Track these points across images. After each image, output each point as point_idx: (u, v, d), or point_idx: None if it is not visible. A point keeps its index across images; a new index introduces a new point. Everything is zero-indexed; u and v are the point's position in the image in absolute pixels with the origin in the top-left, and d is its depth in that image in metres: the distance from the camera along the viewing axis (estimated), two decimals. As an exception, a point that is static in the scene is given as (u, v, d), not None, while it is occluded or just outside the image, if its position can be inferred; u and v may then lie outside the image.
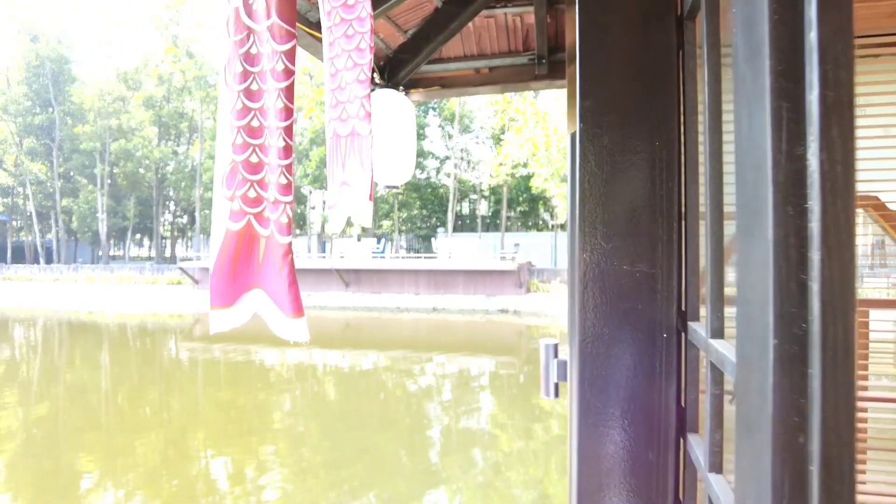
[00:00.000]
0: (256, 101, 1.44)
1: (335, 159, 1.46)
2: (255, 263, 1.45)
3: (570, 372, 1.82)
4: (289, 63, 1.39)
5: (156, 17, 39.59)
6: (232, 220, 1.42)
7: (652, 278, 0.70)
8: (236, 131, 1.42)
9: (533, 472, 7.74)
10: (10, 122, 40.37)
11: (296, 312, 1.38)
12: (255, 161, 1.43)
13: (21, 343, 20.25)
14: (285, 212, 1.40)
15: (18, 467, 8.20)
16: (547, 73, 2.53)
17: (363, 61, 1.39)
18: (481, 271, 24.98)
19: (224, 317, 1.44)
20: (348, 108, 1.42)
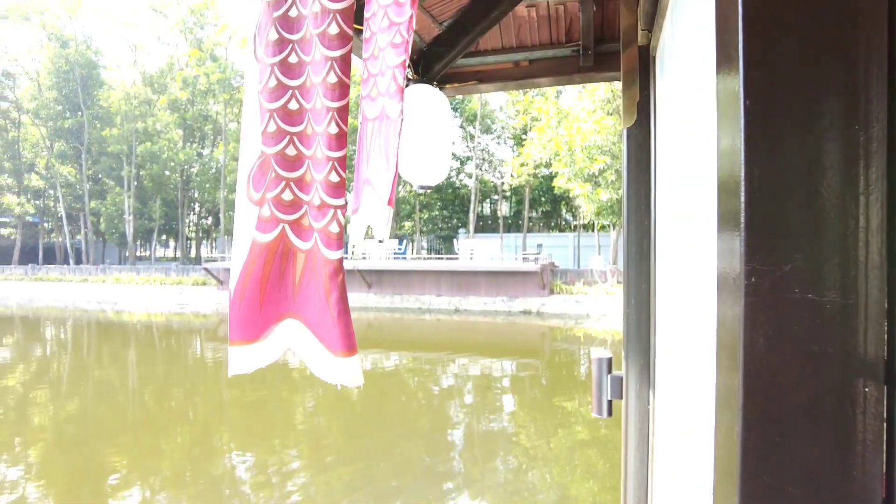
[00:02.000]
0: (295, 78, 1.14)
1: (362, 151, 1.15)
2: (290, 285, 1.14)
3: (627, 389, 1.69)
4: (345, 25, 1.10)
5: (180, 20, 40.13)
6: (260, 230, 1.13)
7: (847, 311, 0.52)
8: (268, 116, 1.13)
9: (557, 477, 7.57)
10: (41, 126, 41.25)
11: (346, 349, 1.08)
12: (293, 154, 1.13)
13: (52, 342, 20.62)
14: (336, 219, 1.10)
15: (50, 462, 8.29)
16: (593, 65, 2.38)
17: (401, 19, 1.07)
18: (503, 272, 24.78)
19: (247, 354, 1.14)
20: (379, 83, 1.10)
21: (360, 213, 1.12)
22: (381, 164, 1.07)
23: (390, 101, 1.07)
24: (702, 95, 0.83)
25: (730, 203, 0.51)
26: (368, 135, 1.12)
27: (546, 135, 26.54)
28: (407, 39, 1.06)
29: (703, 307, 0.81)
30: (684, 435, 1.02)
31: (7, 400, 12.02)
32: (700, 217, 0.85)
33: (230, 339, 1.14)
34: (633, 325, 1.69)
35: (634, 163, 1.67)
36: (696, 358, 0.87)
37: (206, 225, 48.63)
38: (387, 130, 1.07)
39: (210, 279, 30.72)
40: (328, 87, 1.10)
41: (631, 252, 1.70)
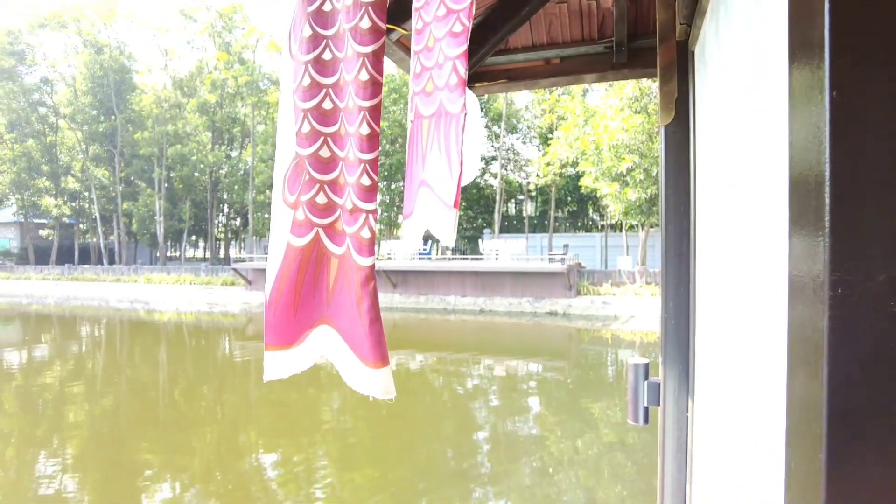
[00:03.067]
0: (329, 76, 1.09)
1: (415, 151, 1.08)
2: (324, 291, 1.10)
3: (664, 396, 1.64)
4: (377, 19, 1.05)
5: (209, 24, 40.82)
6: (295, 234, 1.10)
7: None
8: (302, 116, 1.09)
9: (583, 480, 7.47)
10: (77, 130, 42.37)
11: (377, 360, 1.05)
12: (327, 156, 1.09)
13: (87, 340, 21.13)
14: (367, 224, 1.05)
15: (86, 457, 8.48)
16: (626, 61, 2.32)
17: (461, 6, 0.99)
18: (529, 273, 24.62)
19: (282, 360, 1.11)
20: (436, 77, 1.02)
21: (415, 217, 1.07)
22: (442, 164, 1.00)
23: (450, 94, 1.00)
24: (757, 90, 0.78)
25: (807, 204, 0.46)
26: (424, 133, 1.05)
27: (572, 133, 26.30)
28: (467, 27, 0.99)
29: (759, 314, 0.76)
30: (732, 446, 0.98)
31: (46, 396, 12.35)
32: (754, 218, 0.80)
33: (265, 344, 1.12)
34: (671, 331, 1.63)
35: (672, 162, 1.61)
36: (750, 367, 0.83)
37: (235, 226, 49.37)
38: (447, 127, 1.00)
39: (238, 279, 31.17)
40: (360, 85, 1.05)
41: (669, 254, 1.64)
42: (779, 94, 0.61)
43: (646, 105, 23.20)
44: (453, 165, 0.98)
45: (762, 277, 0.74)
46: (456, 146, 0.98)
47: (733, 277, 0.97)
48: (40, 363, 16.73)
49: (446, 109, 1.01)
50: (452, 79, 0.99)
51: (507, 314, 23.89)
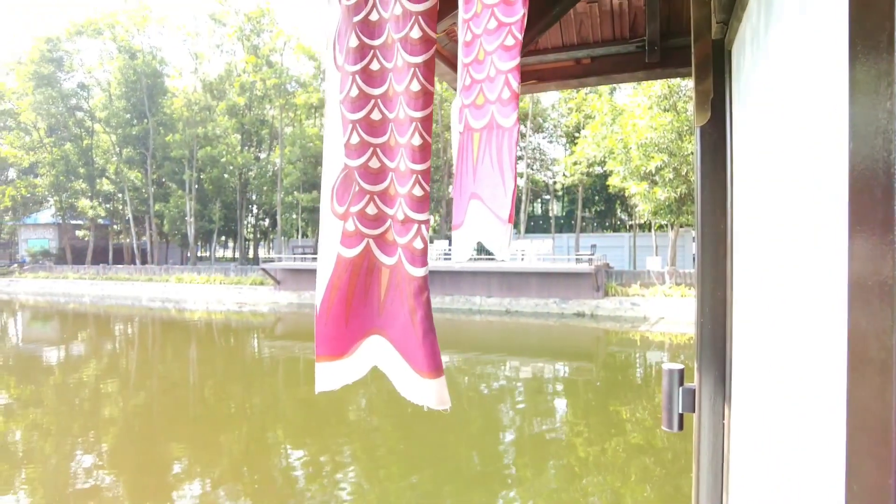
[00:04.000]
0: (377, 86, 1.08)
1: (465, 163, 1.06)
2: (375, 301, 1.10)
3: (700, 403, 1.60)
4: (428, 28, 1.04)
5: (238, 28, 41.50)
6: (345, 245, 1.09)
7: None
8: (350, 127, 1.08)
9: (611, 483, 7.38)
10: (111, 133, 43.47)
11: (431, 371, 1.03)
12: (376, 166, 1.08)
13: (120, 338, 21.66)
14: (419, 234, 1.05)
15: (120, 452, 8.70)
16: (659, 60, 2.28)
17: (513, 19, 0.97)
18: (555, 273, 24.44)
19: (333, 370, 1.11)
20: (487, 89, 1.01)
21: (465, 230, 1.06)
22: (494, 177, 0.99)
23: (503, 108, 0.99)
24: (807, 90, 0.75)
25: (872, 203, 0.43)
26: (475, 146, 1.04)
27: (600, 132, 26.03)
28: (519, 41, 0.98)
29: (807, 319, 0.74)
30: (776, 458, 0.95)
31: (82, 392, 12.70)
32: (800, 220, 0.77)
33: (316, 355, 1.12)
34: (707, 335, 1.60)
35: (708, 163, 1.58)
36: (796, 376, 0.80)
37: (264, 226, 50.09)
38: (499, 141, 0.99)
39: (267, 279, 31.61)
40: (411, 96, 1.04)
41: (705, 257, 1.60)
42: (832, 93, 0.59)
43: (675, 103, 22.84)
44: (506, 179, 0.96)
45: (810, 281, 0.71)
46: (509, 160, 0.97)
47: (776, 281, 0.94)
48: (77, 360, 17.22)
49: (498, 122, 0.99)
50: (505, 92, 0.98)
51: (533, 315, 23.76)
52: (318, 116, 42.03)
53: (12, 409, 11.53)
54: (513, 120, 0.97)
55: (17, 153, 46.28)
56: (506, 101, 0.98)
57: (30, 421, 10.54)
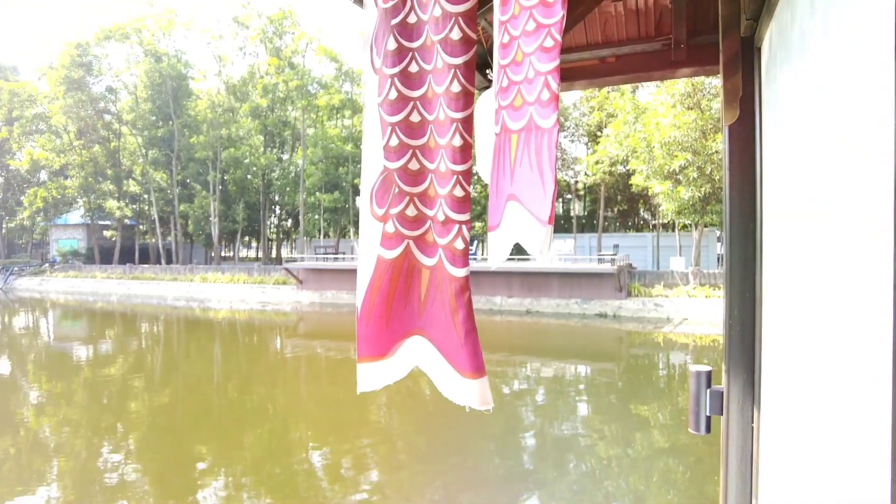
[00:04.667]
0: (416, 88, 1.08)
1: (501, 164, 1.05)
2: (416, 302, 1.10)
3: (728, 405, 1.58)
4: (468, 28, 1.03)
5: (261, 30, 41.98)
6: (385, 247, 1.10)
7: None
8: (389, 130, 1.08)
9: (633, 485, 7.31)
10: (137, 135, 44.30)
11: (473, 371, 1.02)
12: (416, 168, 1.09)
13: (146, 336, 22.06)
14: (460, 235, 1.04)
15: (146, 448, 8.87)
16: (685, 58, 2.24)
17: (552, 20, 0.96)
18: (577, 273, 24.26)
19: (375, 370, 1.11)
20: (525, 91, 1.00)
21: (502, 231, 1.05)
22: (533, 179, 0.98)
23: (542, 110, 0.98)
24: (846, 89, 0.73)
25: None
26: (512, 147, 1.03)
27: (622, 131, 25.77)
28: (559, 42, 0.97)
29: (845, 321, 0.72)
30: (810, 462, 0.93)
31: (110, 389, 12.97)
32: (839, 221, 0.76)
33: (358, 356, 1.13)
34: (735, 336, 1.57)
35: (737, 162, 1.55)
36: (833, 379, 0.78)
37: (286, 227, 50.59)
38: (538, 142, 0.98)
39: (290, 279, 31.92)
40: (452, 97, 1.04)
41: (733, 258, 1.58)
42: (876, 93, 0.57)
43: (698, 101, 22.51)
44: (546, 181, 0.96)
45: (852, 283, 0.70)
46: (548, 161, 0.96)
47: (813, 283, 0.92)
48: (105, 357, 17.58)
49: (537, 124, 0.99)
50: (545, 94, 0.97)
51: (554, 315, 23.62)
52: (340, 118, 42.31)
53: (44, 404, 11.83)
54: (553, 121, 0.96)
55: (49, 156, 47.43)
56: (545, 103, 0.97)
57: (61, 416, 10.80)
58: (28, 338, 22.23)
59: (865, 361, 0.63)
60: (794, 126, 1.07)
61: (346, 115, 41.63)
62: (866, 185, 0.62)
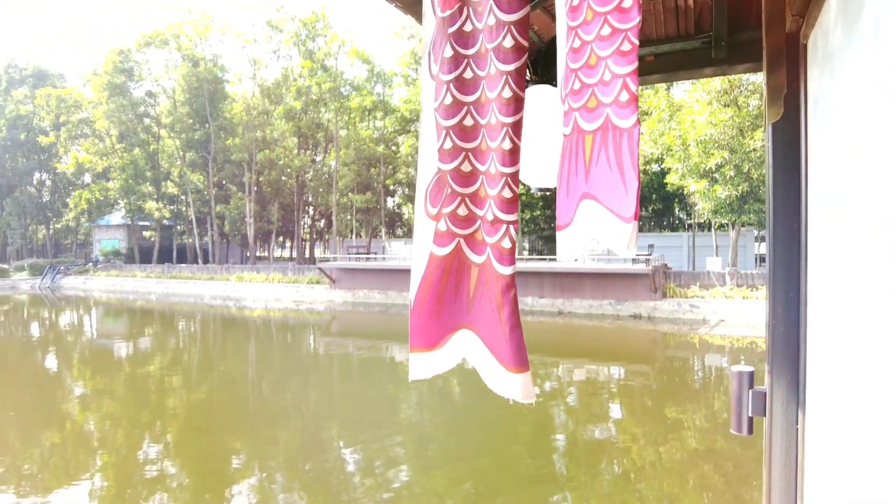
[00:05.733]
0: (470, 94, 1.12)
1: (573, 162, 1.09)
2: (465, 298, 1.14)
3: (771, 407, 1.56)
4: (520, 37, 1.07)
5: (294, 34, 42.62)
6: (437, 244, 1.15)
7: None
8: (444, 133, 1.13)
9: (668, 489, 7.19)
10: (175, 138, 45.48)
11: (517, 365, 1.07)
12: (468, 170, 1.13)
13: (183, 334, 22.63)
14: (508, 234, 1.08)
15: (183, 444, 9.11)
16: (726, 56, 2.21)
17: (628, 25, 1.01)
18: (611, 274, 23.94)
19: (426, 361, 1.17)
20: (600, 92, 1.04)
21: (574, 229, 1.10)
22: (613, 177, 1.01)
23: (621, 110, 1.02)
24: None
25: None
26: (588, 147, 1.07)
27: (657, 129, 25.35)
28: (636, 45, 1.01)
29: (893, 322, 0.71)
30: (860, 466, 0.91)
31: (149, 385, 13.35)
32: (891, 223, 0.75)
33: (410, 346, 1.18)
34: (779, 337, 1.55)
35: (780, 161, 1.53)
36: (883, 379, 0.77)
37: (319, 227, 51.26)
38: (617, 142, 1.02)
39: (323, 278, 32.35)
40: (503, 102, 1.08)
41: (777, 258, 1.55)
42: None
43: (735, 98, 22.02)
44: (628, 179, 0.98)
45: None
46: (630, 160, 0.99)
47: (864, 284, 0.91)
48: (144, 354, 18.11)
49: (615, 124, 1.02)
50: (623, 95, 1.01)
51: (586, 316, 23.39)
52: (371, 119, 42.66)
53: (88, 399, 12.25)
54: (633, 121, 1.00)
55: (92, 159, 49.14)
56: (624, 104, 1.01)
57: (103, 411, 11.17)
58: (73, 335, 23.05)
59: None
60: (842, 125, 1.06)
61: (378, 117, 41.97)
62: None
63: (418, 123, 39.64)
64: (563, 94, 1.15)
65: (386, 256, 32.39)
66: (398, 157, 39.68)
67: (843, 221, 1.04)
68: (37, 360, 17.43)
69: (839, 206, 1.09)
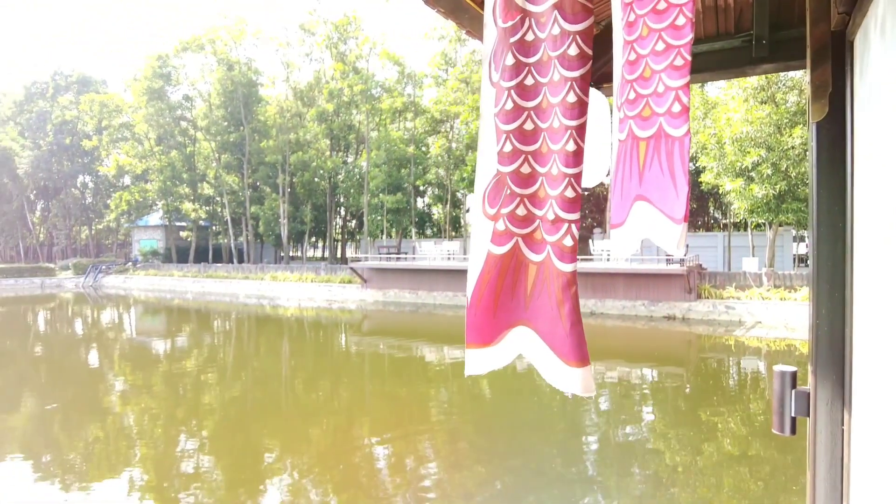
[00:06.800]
0: (531, 99, 1.17)
1: (627, 166, 1.16)
2: (522, 295, 1.18)
3: (815, 407, 1.54)
4: (585, 46, 1.11)
5: (326, 37, 43.14)
6: (495, 243, 1.18)
7: None
8: (504, 137, 1.18)
9: (702, 493, 7.07)
10: (211, 140, 46.51)
11: (577, 360, 1.10)
12: (527, 172, 1.18)
13: (219, 332, 23.13)
14: (570, 232, 1.12)
15: (218, 439, 9.32)
16: (768, 55, 2.18)
17: (681, 42, 1.08)
18: (644, 274, 23.61)
19: (482, 356, 1.21)
20: (654, 103, 1.12)
21: (627, 228, 1.15)
22: (664, 182, 1.08)
23: (673, 120, 1.09)
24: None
25: None
26: (641, 153, 1.14)
27: (691, 127, 24.84)
28: (689, 61, 1.07)
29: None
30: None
31: (185, 381, 13.70)
32: None
33: (466, 342, 1.21)
34: (823, 338, 1.53)
35: (826, 160, 1.51)
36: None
37: (351, 227, 51.80)
38: (669, 149, 1.09)
39: (355, 278, 32.69)
40: (567, 107, 1.12)
41: (821, 257, 1.54)
42: None
43: (773, 94, 21.47)
44: (679, 183, 1.06)
45: None
46: (681, 166, 1.06)
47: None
48: (181, 351, 18.58)
49: (667, 133, 1.09)
50: (675, 106, 1.09)
51: (619, 317, 23.10)
52: (402, 120, 42.90)
53: (128, 394, 12.63)
54: (684, 130, 1.07)
55: (132, 161, 50.65)
56: (676, 114, 1.08)
57: (142, 406, 11.51)
58: (114, 331, 23.78)
59: None
60: (892, 123, 1.05)
61: (408, 118, 42.19)
62: None
63: (448, 124, 39.79)
64: (618, 103, 1.21)
65: (416, 256, 32.54)
66: (428, 157, 39.81)
67: (893, 221, 1.04)
68: (80, 356, 18.06)
69: (888, 206, 1.08)
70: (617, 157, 1.19)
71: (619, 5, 1.21)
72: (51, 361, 17.10)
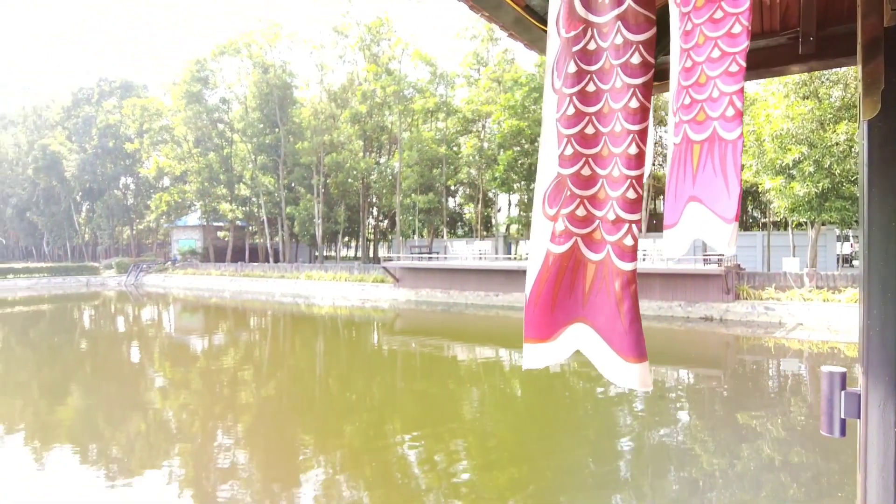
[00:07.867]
0: (592, 105, 1.22)
1: (681, 169, 1.19)
2: (580, 293, 1.22)
3: (866, 409, 1.52)
4: (647, 54, 1.18)
5: (359, 38, 43.54)
6: (554, 243, 1.23)
7: None
8: (565, 141, 1.23)
9: (739, 496, 6.92)
10: (247, 142, 47.43)
11: (636, 356, 1.14)
12: (587, 174, 1.22)
13: (255, 330, 23.59)
14: (630, 232, 1.17)
15: (254, 435, 9.53)
16: (814, 51, 2.15)
17: (737, 49, 1.12)
18: (680, 275, 23.18)
19: (539, 351, 1.25)
20: (708, 108, 1.15)
21: (681, 228, 1.19)
22: (717, 183, 1.10)
23: (727, 124, 1.12)
24: None
25: None
26: (695, 155, 1.17)
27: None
28: (743, 67, 1.11)
29: None
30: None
31: (223, 378, 14.03)
32: None
33: (525, 337, 1.26)
34: (875, 338, 1.51)
35: (877, 159, 1.49)
36: None
37: (383, 227, 52.19)
38: (722, 152, 1.11)
39: (388, 277, 32.95)
40: (629, 112, 1.17)
41: (873, 257, 1.52)
42: None
43: (815, 89, 20.83)
44: (731, 185, 1.08)
45: None
46: (733, 168, 1.09)
47: None
48: (218, 349, 19.02)
49: (720, 136, 1.12)
50: (729, 111, 1.12)
51: (655, 318, 22.74)
52: (434, 120, 43.03)
53: (167, 390, 13.01)
54: (737, 134, 1.10)
55: (171, 163, 52.09)
56: (730, 118, 1.11)
57: (181, 402, 11.84)
58: (154, 329, 24.49)
59: None
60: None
61: (440, 118, 42.28)
62: None
63: (480, 124, 39.74)
64: (674, 108, 1.25)
65: (447, 256, 32.61)
66: (459, 157, 39.85)
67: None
68: (122, 352, 18.66)
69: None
70: (672, 160, 1.23)
71: (678, 15, 1.26)
72: (96, 357, 17.72)
